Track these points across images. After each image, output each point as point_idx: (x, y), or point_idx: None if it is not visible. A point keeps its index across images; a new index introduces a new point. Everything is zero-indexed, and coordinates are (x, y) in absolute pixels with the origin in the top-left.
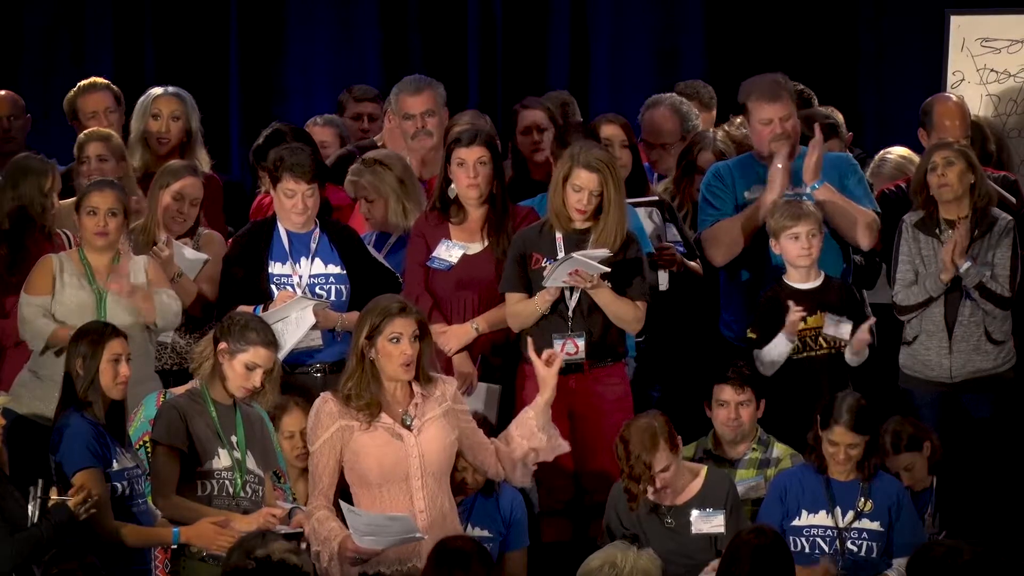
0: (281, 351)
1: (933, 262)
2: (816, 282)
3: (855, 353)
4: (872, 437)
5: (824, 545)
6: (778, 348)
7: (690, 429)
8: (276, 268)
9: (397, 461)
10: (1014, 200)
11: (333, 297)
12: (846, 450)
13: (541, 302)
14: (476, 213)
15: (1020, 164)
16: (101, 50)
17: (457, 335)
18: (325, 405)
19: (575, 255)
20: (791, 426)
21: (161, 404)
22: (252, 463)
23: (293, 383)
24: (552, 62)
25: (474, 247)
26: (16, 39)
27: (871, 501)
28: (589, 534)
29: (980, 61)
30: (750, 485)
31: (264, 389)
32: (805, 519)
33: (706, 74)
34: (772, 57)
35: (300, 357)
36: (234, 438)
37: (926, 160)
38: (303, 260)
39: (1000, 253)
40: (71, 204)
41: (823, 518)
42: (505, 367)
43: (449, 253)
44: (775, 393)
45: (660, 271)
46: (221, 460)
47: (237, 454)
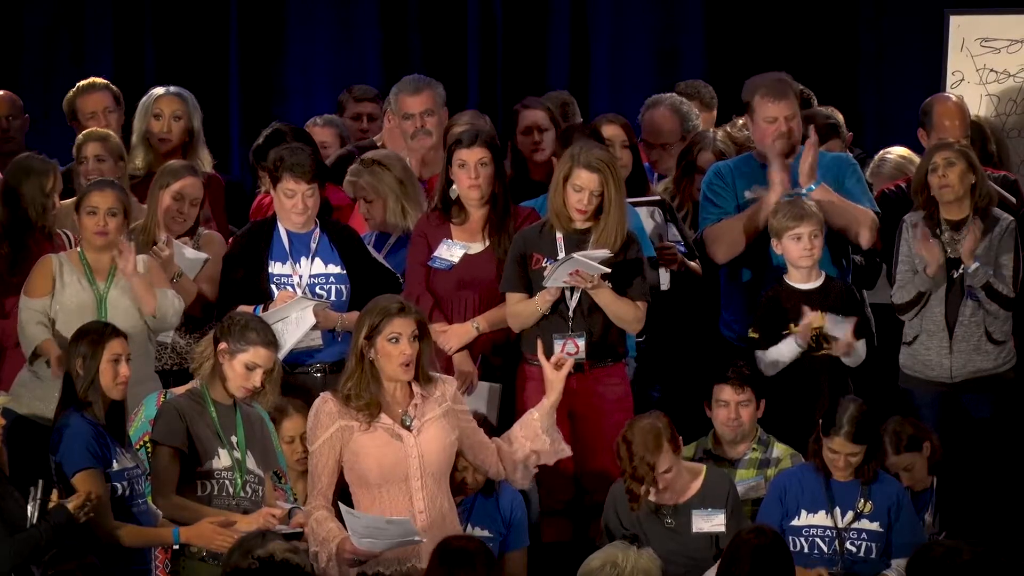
0: (281, 351)
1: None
2: (817, 282)
3: (844, 355)
4: (872, 444)
5: (823, 545)
6: (785, 351)
7: (690, 429)
8: (276, 268)
9: (397, 461)
10: (1014, 200)
11: (333, 297)
12: (846, 458)
13: (541, 302)
14: (477, 213)
15: (1020, 164)
16: (101, 50)
17: (458, 334)
18: (325, 405)
19: (575, 255)
20: (791, 426)
21: (161, 404)
22: (252, 463)
23: (293, 383)
24: (552, 62)
25: (475, 247)
26: (16, 39)
27: (870, 502)
28: (589, 534)
29: (980, 61)
30: (750, 485)
31: (264, 389)
32: (804, 519)
33: (706, 74)
34: (772, 57)
35: (300, 357)
36: (234, 438)
37: (927, 160)
38: (303, 260)
39: (1004, 253)
40: (71, 204)
41: (822, 518)
42: (505, 367)
43: (450, 253)
44: (775, 393)
45: (661, 271)
46: (221, 460)
47: (237, 454)
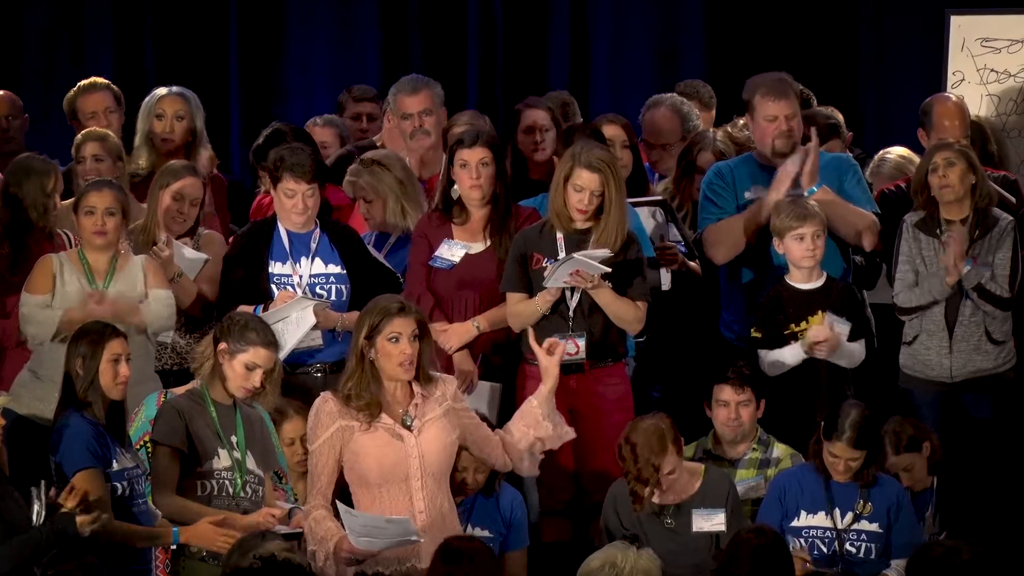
0: (281, 351)
1: (934, 262)
2: (818, 283)
3: (837, 357)
4: (873, 450)
5: (823, 546)
6: (788, 356)
7: (690, 429)
8: (276, 268)
9: (397, 461)
10: (1014, 200)
11: (333, 297)
12: (847, 463)
13: (542, 302)
14: (479, 213)
15: (1020, 164)
16: (101, 50)
17: (458, 333)
18: (325, 405)
19: (576, 255)
20: (791, 426)
21: (161, 404)
22: (252, 463)
23: (294, 383)
24: (552, 62)
25: (476, 247)
26: (16, 39)
27: (870, 503)
28: (589, 534)
29: (980, 61)
30: (750, 485)
31: (265, 390)
32: (804, 520)
33: (706, 74)
34: (772, 57)
35: (300, 357)
36: (234, 438)
37: (927, 160)
38: (303, 260)
39: (1001, 254)
40: (71, 204)
41: (822, 519)
42: (506, 366)
43: (451, 252)
44: (775, 393)
45: (663, 271)
46: (221, 460)
47: (237, 454)
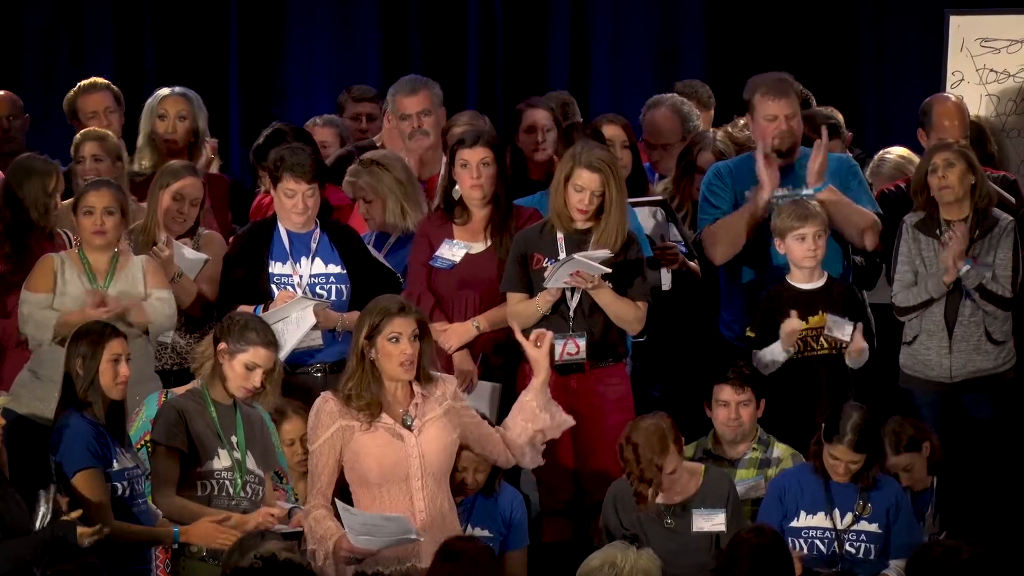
0: (282, 351)
1: (934, 263)
2: (819, 283)
3: (852, 359)
4: (873, 453)
5: (822, 547)
6: (774, 355)
7: (690, 429)
8: (276, 268)
9: (397, 461)
10: (1014, 200)
11: (333, 297)
12: (847, 465)
13: (542, 302)
14: (480, 213)
15: (1020, 164)
16: (101, 50)
17: (458, 333)
18: (326, 405)
19: (576, 256)
20: (791, 426)
21: (162, 404)
22: (252, 463)
23: (294, 383)
24: (552, 62)
25: (477, 247)
26: (16, 39)
27: (869, 504)
28: (589, 534)
29: (980, 61)
30: (750, 485)
31: (266, 390)
32: (803, 520)
33: (706, 74)
34: (772, 57)
35: (301, 357)
36: (234, 438)
37: (926, 161)
38: (303, 260)
39: (1001, 254)
40: (70, 204)
41: (821, 520)
42: (506, 366)
43: (452, 252)
44: (775, 393)
45: (663, 271)
46: (221, 460)
47: (237, 454)
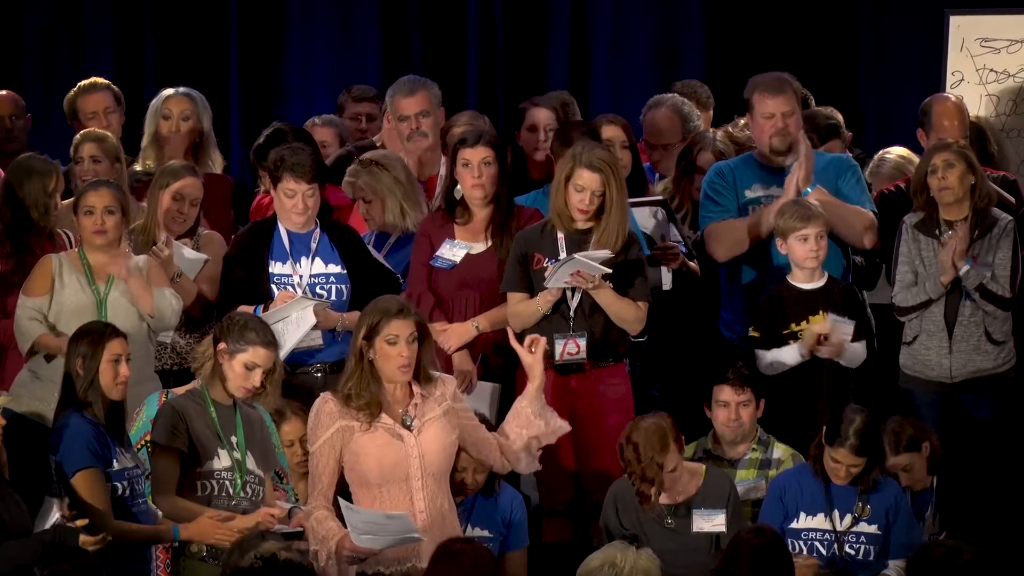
0: (282, 351)
1: (933, 263)
2: (820, 283)
3: (840, 357)
4: (874, 456)
5: (822, 549)
6: (787, 356)
7: (690, 429)
8: (276, 268)
9: (397, 461)
10: (1013, 200)
11: (333, 297)
12: (848, 469)
13: (543, 302)
14: (481, 213)
15: (1020, 164)
16: (101, 50)
17: (457, 333)
18: (325, 405)
19: (577, 256)
20: (791, 426)
21: (162, 404)
22: (252, 463)
23: (294, 383)
24: (552, 62)
25: (478, 247)
26: (16, 39)
27: (869, 506)
28: (589, 534)
29: (979, 61)
30: (750, 485)
31: (266, 390)
32: (803, 522)
33: (706, 74)
34: (772, 57)
35: (300, 357)
36: (234, 439)
37: (926, 161)
38: (303, 260)
39: (1001, 254)
40: (71, 204)
41: (821, 521)
42: (505, 366)
43: (452, 252)
44: (775, 393)
45: (664, 271)
46: (221, 460)
47: (237, 455)
